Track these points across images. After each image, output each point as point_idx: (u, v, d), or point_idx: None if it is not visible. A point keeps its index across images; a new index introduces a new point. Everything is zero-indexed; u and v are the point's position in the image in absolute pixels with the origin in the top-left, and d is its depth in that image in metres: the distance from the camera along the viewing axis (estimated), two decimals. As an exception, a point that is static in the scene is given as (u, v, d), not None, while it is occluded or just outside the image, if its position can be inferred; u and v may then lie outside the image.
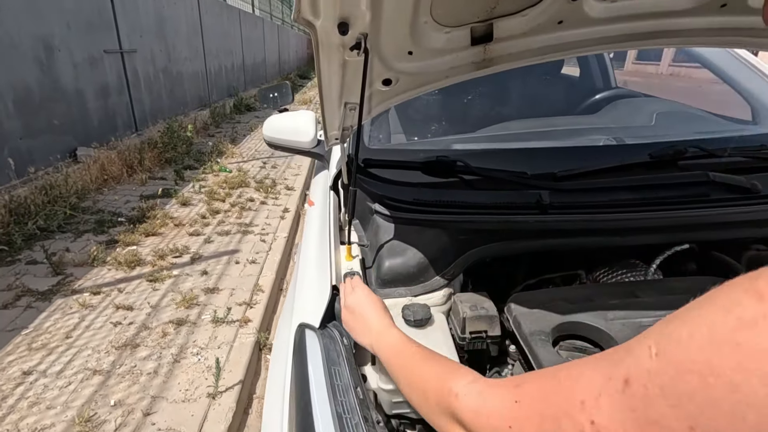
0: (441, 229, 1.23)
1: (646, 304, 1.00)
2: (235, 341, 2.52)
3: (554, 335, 0.97)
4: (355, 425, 0.76)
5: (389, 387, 0.91)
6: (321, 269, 1.14)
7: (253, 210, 4.50)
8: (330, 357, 0.90)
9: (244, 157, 6.52)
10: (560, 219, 1.17)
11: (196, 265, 3.35)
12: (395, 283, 1.17)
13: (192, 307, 2.82)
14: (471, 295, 1.14)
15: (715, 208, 1.20)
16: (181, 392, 2.15)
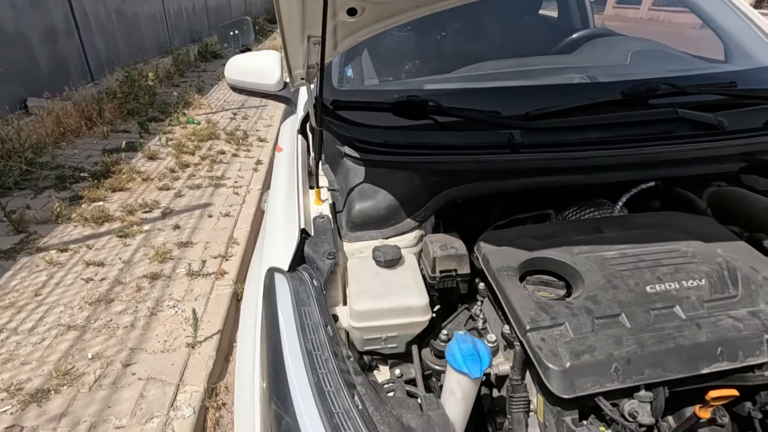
0: (412, 171, 1.21)
1: (610, 239, 1.03)
2: (212, 293, 2.52)
3: (521, 271, 0.99)
4: (324, 360, 0.77)
5: (360, 325, 0.93)
6: (290, 214, 1.12)
7: (224, 163, 4.36)
8: (300, 298, 0.90)
9: (212, 108, 6.21)
10: (531, 158, 1.16)
11: (167, 220, 3.26)
12: (366, 226, 1.16)
13: (166, 261, 2.78)
14: (441, 235, 1.14)
15: (681, 145, 1.21)
16: (160, 343, 2.16)
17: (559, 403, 0.80)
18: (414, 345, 1.01)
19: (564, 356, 0.78)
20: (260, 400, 0.86)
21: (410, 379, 0.99)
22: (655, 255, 0.97)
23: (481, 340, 0.85)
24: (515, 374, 0.89)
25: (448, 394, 0.84)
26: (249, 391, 0.94)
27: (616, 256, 0.97)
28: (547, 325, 0.83)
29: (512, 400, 0.89)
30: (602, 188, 1.44)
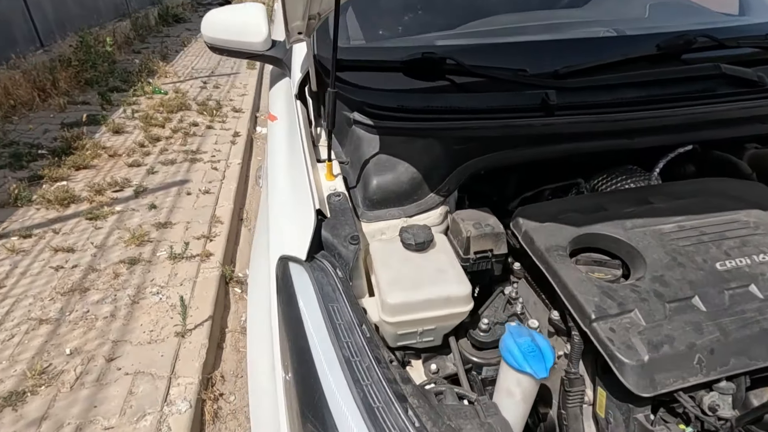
0: (433, 139, 1.07)
1: (662, 210, 0.93)
2: (198, 276, 2.35)
3: (570, 249, 0.88)
4: (366, 369, 0.64)
5: (394, 320, 0.80)
6: (299, 193, 0.96)
7: (198, 135, 4.06)
8: (325, 293, 0.76)
9: (180, 77, 5.77)
10: (569, 121, 1.03)
11: (141, 199, 3.02)
12: (386, 203, 1.02)
13: (144, 244, 2.56)
14: (471, 212, 1.02)
15: (724, 104, 1.11)
16: (146, 334, 2.00)
17: (630, 398, 0.71)
18: (451, 336, 0.90)
19: (641, 349, 0.68)
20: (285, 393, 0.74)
21: (448, 375, 0.88)
22: (715, 227, 0.88)
23: (538, 333, 0.75)
24: (573, 366, 0.79)
25: (504, 395, 0.73)
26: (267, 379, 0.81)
27: (675, 230, 0.87)
28: (615, 313, 0.73)
29: (568, 394, 0.80)
30: (629, 154, 1.34)
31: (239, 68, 6.20)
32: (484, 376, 0.89)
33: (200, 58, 6.58)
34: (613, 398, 0.74)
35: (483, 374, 0.89)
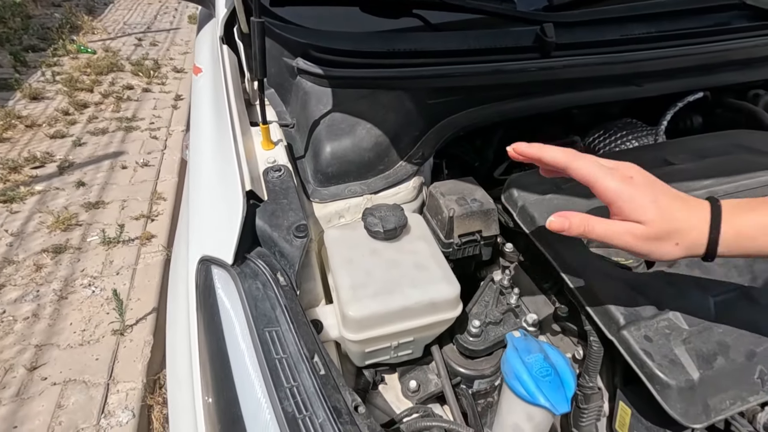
0: (402, 91, 0.83)
1: (687, 172, 0.75)
2: (138, 263, 2.06)
3: (581, 228, 0.69)
4: (320, 426, 0.44)
5: (360, 337, 0.60)
6: (224, 167, 0.71)
7: (134, 100, 3.58)
8: (261, 312, 0.54)
9: (110, 33, 5.09)
10: (570, 63, 0.82)
11: (67, 176, 2.62)
12: (344, 176, 0.79)
13: (71, 228, 2.22)
14: (453, 183, 0.80)
15: (747, 40, 0.93)
16: (77, 334, 1.72)
17: (668, 422, 0.54)
18: (434, 346, 0.71)
19: (688, 364, 0.51)
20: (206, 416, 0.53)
21: (432, 393, 0.70)
22: (752, 191, 0.71)
23: (552, 347, 0.56)
24: (589, 379, 0.62)
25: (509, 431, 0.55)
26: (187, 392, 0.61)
27: (706, 197, 0.70)
28: (650, 315, 0.55)
29: (583, 412, 0.64)
30: (626, 105, 1.15)
31: (180, 23, 5.56)
32: (476, 389, 0.71)
33: (133, 12, 5.85)
34: (643, 419, 0.58)
35: (475, 387, 0.71)
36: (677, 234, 0.45)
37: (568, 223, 0.49)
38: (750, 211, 0.44)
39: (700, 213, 0.45)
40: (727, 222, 0.44)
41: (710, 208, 0.45)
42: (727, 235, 0.44)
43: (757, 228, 0.43)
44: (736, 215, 0.44)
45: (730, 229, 0.44)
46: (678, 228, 0.45)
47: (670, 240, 0.45)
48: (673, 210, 0.45)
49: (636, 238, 0.46)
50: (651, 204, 0.45)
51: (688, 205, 0.46)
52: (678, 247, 0.45)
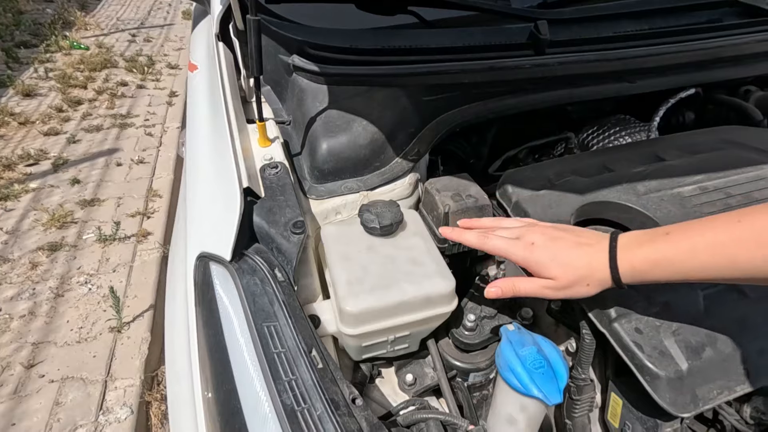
0: (398, 88, 0.84)
1: (678, 169, 0.76)
2: (135, 260, 2.06)
3: (573, 222, 0.70)
4: (318, 419, 0.45)
5: (357, 331, 0.61)
6: (221, 164, 0.72)
7: (128, 97, 3.56)
8: (259, 307, 0.55)
9: (103, 29, 5.05)
10: (565, 60, 0.82)
11: (61, 173, 2.61)
12: (341, 173, 0.80)
13: (66, 226, 2.22)
14: (448, 179, 0.81)
15: (739, 37, 0.94)
16: (74, 332, 1.72)
17: (659, 413, 0.56)
18: (430, 340, 0.72)
19: (677, 355, 0.53)
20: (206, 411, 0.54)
21: (428, 386, 0.71)
22: (741, 186, 0.72)
23: (546, 340, 0.58)
24: (582, 371, 0.64)
25: (503, 423, 0.57)
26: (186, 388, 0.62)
27: (696, 193, 0.71)
28: (641, 308, 0.57)
29: (576, 403, 0.65)
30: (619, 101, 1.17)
31: (174, 18, 5.52)
32: (472, 382, 0.73)
33: (126, 8, 5.80)
34: (634, 409, 0.59)
35: (470, 380, 0.73)
36: (584, 278, 0.52)
37: (500, 290, 0.56)
38: (639, 247, 0.49)
39: (600, 255, 0.51)
40: (622, 260, 0.49)
41: (608, 251, 0.50)
42: (625, 271, 0.49)
43: (647, 263, 0.48)
44: (630, 251, 0.49)
45: (626, 265, 0.49)
46: (582, 274, 0.52)
47: (580, 284, 0.52)
48: (572, 261, 0.52)
49: (551, 290, 0.54)
50: (551, 263, 0.52)
51: (589, 250, 0.52)
52: (590, 287, 0.52)
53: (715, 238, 0.44)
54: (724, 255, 0.43)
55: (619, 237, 0.51)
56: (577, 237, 0.54)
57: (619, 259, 0.49)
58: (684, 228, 0.47)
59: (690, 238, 0.46)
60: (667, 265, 0.46)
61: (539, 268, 0.53)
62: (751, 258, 0.41)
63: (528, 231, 0.56)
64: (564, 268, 0.52)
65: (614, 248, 0.50)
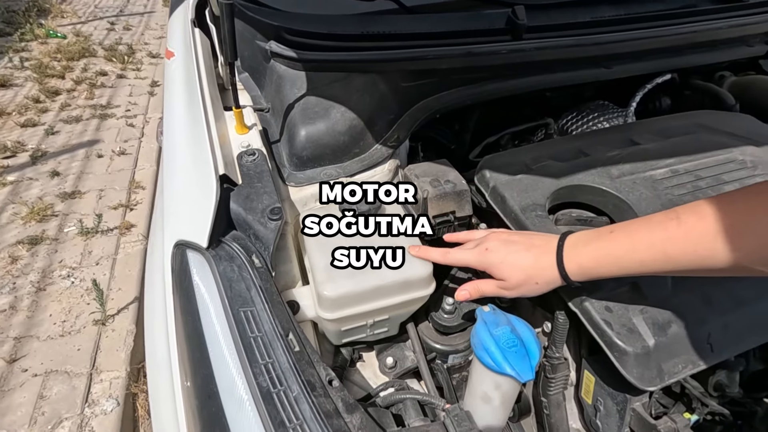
0: (376, 74, 0.84)
1: (651, 152, 0.78)
2: (118, 253, 2.04)
3: (549, 206, 0.72)
4: (294, 401, 0.46)
5: (335, 315, 0.61)
6: (198, 151, 0.71)
7: (108, 87, 3.48)
8: (236, 293, 0.55)
9: (80, 17, 4.91)
10: (542, 45, 0.83)
11: (40, 166, 2.55)
12: (320, 160, 0.80)
13: (46, 219, 2.18)
14: (427, 165, 0.82)
15: (712, 22, 0.95)
16: (57, 326, 1.70)
17: (628, 388, 0.58)
18: (409, 324, 0.73)
19: (645, 331, 0.55)
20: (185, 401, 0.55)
21: (408, 368, 0.72)
22: (711, 169, 0.74)
23: (519, 319, 0.59)
24: (556, 350, 0.65)
25: (479, 401, 0.58)
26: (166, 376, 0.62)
27: (668, 175, 0.73)
28: (611, 288, 0.58)
29: (550, 381, 0.67)
30: (598, 88, 1.18)
31: (154, 6, 5.39)
32: (451, 364, 0.74)
33: (104, -5, 5.62)
34: (605, 385, 0.61)
35: (449, 362, 0.74)
36: (532, 278, 0.55)
37: (468, 293, 0.61)
38: (585, 246, 0.52)
39: (548, 255, 0.54)
40: (569, 258, 0.53)
41: (556, 250, 0.54)
42: (572, 268, 0.53)
43: (592, 260, 0.51)
44: (576, 250, 0.53)
45: (573, 264, 0.52)
46: (530, 274, 0.55)
47: (528, 283, 0.56)
48: (520, 262, 0.56)
49: (505, 289, 0.58)
50: (502, 264, 0.57)
51: (537, 251, 0.55)
52: (539, 285, 0.56)
53: (651, 236, 0.46)
54: (660, 252, 0.45)
55: (568, 237, 0.54)
56: (529, 240, 0.58)
57: (566, 257, 0.53)
58: (626, 226, 0.50)
59: (630, 236, 0.48)
60: (611, 262, 0.49)
61: (493, 270, 0.58)
62: (682, 254, 0.44)
63: (485, 238, 0.61)
64: (513, 268, 0.56)
65: (561, 248, 0.53)
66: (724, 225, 0.42)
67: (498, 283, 0.59)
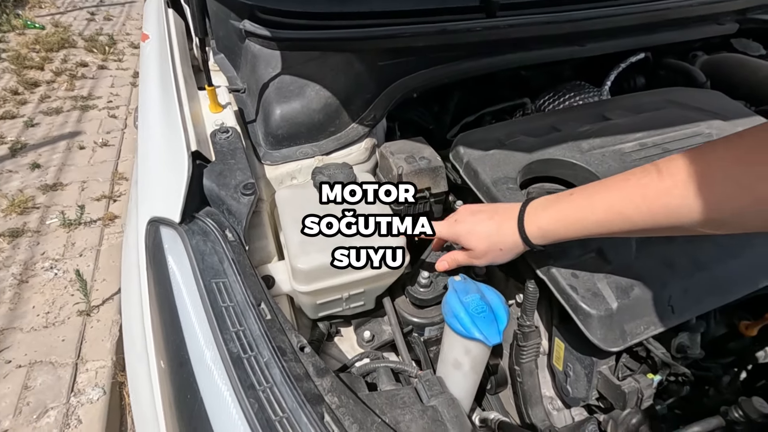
0: (352, 53, 0.84)
1: (621, 127, 0.79)
2: (102, 244, 2.02)
3: (521, 180, 0.73)
4: (265, 366, 0.46)
5: (309, 288, 0.62)
6: (170, 131, 0.71)
7: (89, 78, 3.42)
8: (208, 265, 0.55)
9: (59, 7, 4.79)
10: (515, 22, 0.84)
11: (20, 158, 2.51)
12: (295, 138, 0.80)
13: (28, 212, 2.14)
14: (402, 142, 0.83)
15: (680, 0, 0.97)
16: (41, 317, 1.69)
17: (594, 351, 0.60)
18: (386, 297, 0.74)
19: (608, 295, 0.56)
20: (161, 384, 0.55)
21: (386, 341, 0.73)
22: (678, 142, 0.76)
23: (489, 287, 0.60)
24: (527, 318, 0.67)
25: (450, 367, 0.60)
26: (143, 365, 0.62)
27: (636, 148, 0.75)
28: (578, 254, 0.60)
29: (522, 349, 0.69)
30: (576, 68, 1.19)
31: (135, -4, 5.27)
32: (428, 336, 0.75)
33: (84, -16, 5.49)
34: (574, 351, 0.63)
35: (426, 334, 0.76)
36: (495, 244, 0.57)
37: (446, 263, 0.63)
38: (544, 210, 0.53)
39: (509, 222, 0.55)
40: (529, 223, 0.54)
41: (518, 215, 0.55)
42: (533, 232, 0.53)
43: (552, 222, 0.52)
44: (536, 214, 0.54)
45: (533, 227, 0.53)
46: (494, 241, 0.57)
47: (493, 250, 0.57)
48: (483, 230, 0.57)
49: (474, 258, 0.60)
50: (468, 234, 0.59)
51: (500, 219, 0.57)
52: (503, 252, 0.57)
53: (608, 197, 0.47)
54: (617, 212, 0.46)
55: (529, 203, 0.55)
56: (493, 209, 0.59)
57: (526, 222, 0.54)
58: (585, 189, 0.51)
59: (589, 197, 0.49)
60: (571, 223, 0.50)
61: (461, 240, 0.60)
62: (637, 213, 0.44)
63: (456, 212, 0.62)
64: (478, 237, 0.58)
65: (522, 212, 0.54)
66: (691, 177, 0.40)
67: (468, 252, 0.60)
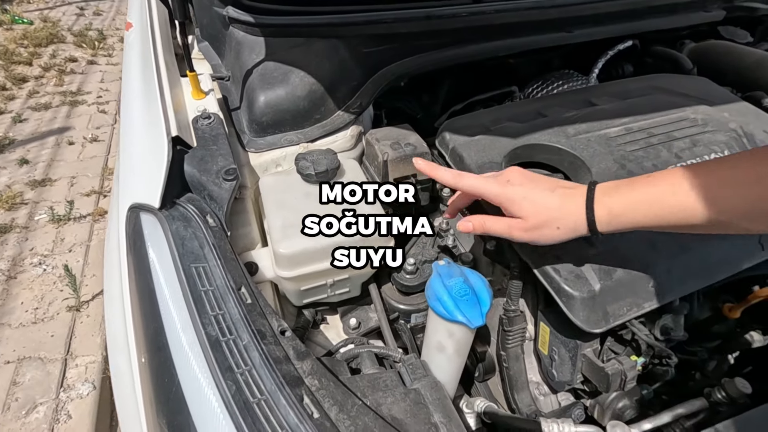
0: (337, 39, 0.83)
1: (607, 112, 0.79)
2: (92, 239, 2.00)
3: (506, 165, 0.72)
4: (244, 349, 0.46)
5: (292, 273, 0.62)
6: (151, 117, 0.70)
7: (78, 73, 3.38)
8: (188, 250, 0.55)
9: (47, 2, 4.73)
10: (500, 8, 0.83)
11: (8, 154, 2.48)
12: (280, 125, 0.79)
13: (16, 207, 2.12)
14: (388, 129, 0.82)
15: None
16: (29, 313, 1.68)
17: (578, 334, 0.60)
18: (372, 284, 0.74)
19: (591, 277, 0.56)
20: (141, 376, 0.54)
21: (372, 328, 0.73)
22: (664, 127, 0.76)
23: (473, 271, 0.60)
24: (512, 303, 0.67)
25: (434, 350, 0.59)
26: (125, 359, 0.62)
27: (622, 133, 0.74)
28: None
29: (508, 334, 0.68)
30: (564, 56, 1.19)
31: (125, -10, 5.20)
32: (414, 323, 0.75)
33: (73, -22, 5.42)
34: (558, 334, 0.63)
35: (412, 321, 0.75)
36: (554, 220, 0.50)
37: (472, 225, 0.55)
38: (617, 192, 0.48)
39: (577, 199, 0.49)
40: (599, 203, 0.48)
41: (586, 194, 0.49)
42: (601, 215, 0.48)
43: (623, 206, 0.47)
44: (608, 196, 0.48)
45: (602, 210, 0.48)
46: (554, 216, 0.50)
47: (549, 226, 0.50)
48: (545, 202, 0.50)
49: (520, 230, 0.52)
50: (523, 201, 0.51)
51: (565, 193, 0.50)
52: (560, 231, 0.50)
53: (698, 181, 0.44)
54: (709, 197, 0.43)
55: (598, 185, 0.50)
56: (555, 183, 0.53)
57: (596, 202, 0.48)
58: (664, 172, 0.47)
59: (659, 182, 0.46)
60: (646, 208, 0.46)
61: (511, 205, 0.52)
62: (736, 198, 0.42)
63: (506, 171, 0.55)
64: (536, 206, 0.50)
65: (592, 191, 0.49)
66: None
67: (512, 221, 0.52)
